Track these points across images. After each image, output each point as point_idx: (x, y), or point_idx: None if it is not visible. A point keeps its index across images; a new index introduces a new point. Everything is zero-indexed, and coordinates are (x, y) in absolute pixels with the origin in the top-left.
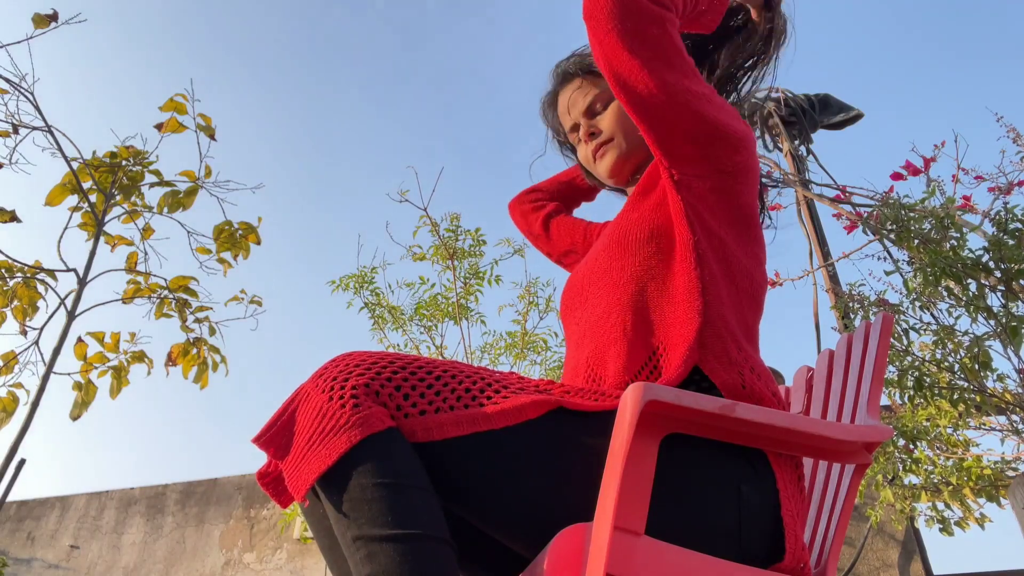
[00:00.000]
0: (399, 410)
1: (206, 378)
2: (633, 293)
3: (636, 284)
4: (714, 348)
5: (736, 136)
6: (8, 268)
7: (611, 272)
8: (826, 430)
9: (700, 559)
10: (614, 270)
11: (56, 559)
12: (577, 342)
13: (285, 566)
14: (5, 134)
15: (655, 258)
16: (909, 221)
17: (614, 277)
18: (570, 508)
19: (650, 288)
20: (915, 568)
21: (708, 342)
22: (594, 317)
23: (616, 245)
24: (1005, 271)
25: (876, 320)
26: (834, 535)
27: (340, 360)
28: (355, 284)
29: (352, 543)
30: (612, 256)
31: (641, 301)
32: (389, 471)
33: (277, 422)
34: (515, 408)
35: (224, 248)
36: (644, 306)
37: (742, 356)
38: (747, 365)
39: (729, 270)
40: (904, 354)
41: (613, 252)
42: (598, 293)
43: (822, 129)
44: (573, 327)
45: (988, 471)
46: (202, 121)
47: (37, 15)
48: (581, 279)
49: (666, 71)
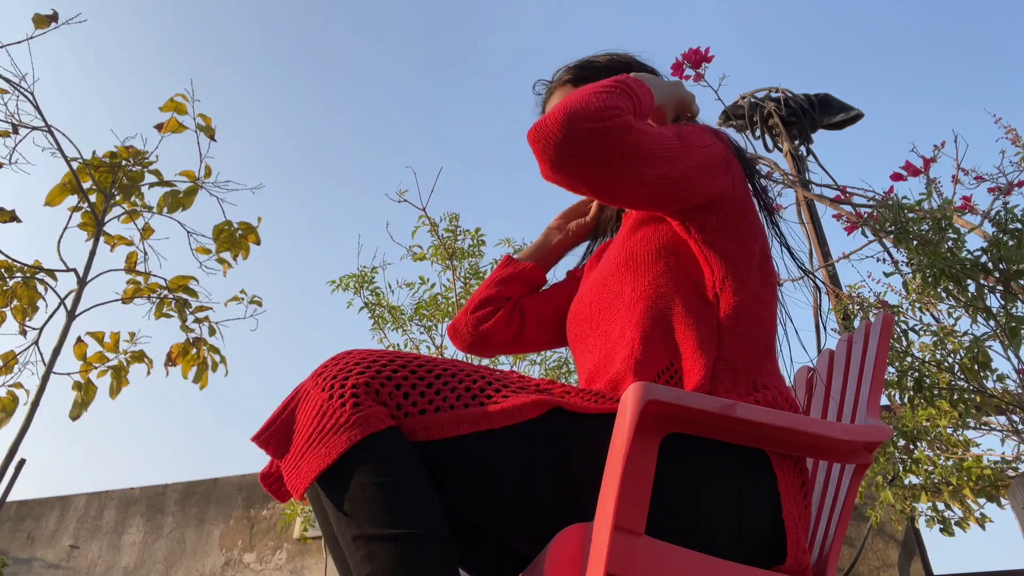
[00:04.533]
0: (399, 409)
1: (206, 378)
2: (648, 315)
3: (649, 304)
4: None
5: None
6: (8, 268)
7: (623, 295)
8: (826, 430)
9: (700, 559)
10: (625, 293)
11: (56, 559)
12: (592, 371)
13: (285, 566)
14: (5, 134)
15: (665, 276)
16: (908, 223)
17: (626, 299)
18: (570, 508)
19: (665, 308)
20: (915, 568)
21: (724, 359)
22: (610, 343)
23: (624, 268)
24: (1004, 272)
25: (876, 320)
26: (834, 535)
27: (340, 358)
28: (355, 284)
29: (352, 542)
30: (622, 280)
31: (656, 323)
32: (389, 470)
33: (277, 420)
34: (515, 407)
35: (224, 248)
36: (660, 328)
37: (756, 373)
38: (761, 382)
39: (742, 282)
40: (904, 355)
41: (623, 275)
42: (611, 319)
43: (822, 129)
44: (587, 355)
45: (988, 471)
46: (202, 121)
47: (37, 15)
48: (588, 305)
49: (642, 169)
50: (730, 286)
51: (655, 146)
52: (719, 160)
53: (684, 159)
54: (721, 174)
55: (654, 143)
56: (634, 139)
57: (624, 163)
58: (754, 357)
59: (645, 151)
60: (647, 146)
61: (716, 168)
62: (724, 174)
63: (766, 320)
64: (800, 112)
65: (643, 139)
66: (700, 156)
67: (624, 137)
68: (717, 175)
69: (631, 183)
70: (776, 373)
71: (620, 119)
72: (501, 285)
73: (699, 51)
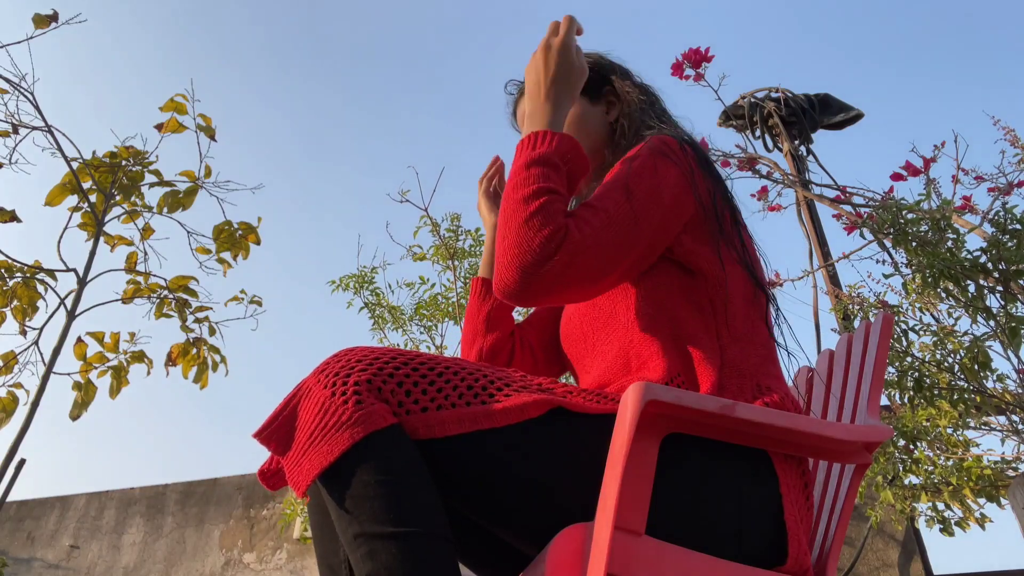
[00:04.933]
0: (401, 407)
1: (206, 378)
2: (649, 331)
3: (648, 322)
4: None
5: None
6: (8, 268)
7: (617, 315)
8: (826, 430)
9: (700, 559)
10: (620, 313)
11: (56, 559)
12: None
13: (285, 566)
14: (5, 134)
15: (658, 291)
16: (906, 224)
17: (622, 319)
18: (571, 507)
19: (665, 322)
20: (915, 568)
21: (730, 365)
22: (611, 362)
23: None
24: (1004, 272)
25: (876, 320)
26: (834, 535)
27: (342, 355)
28: (355, 284)
29: (353, 540)
30: (614, 298)
31: (659, 339)
32: (391, 468)
33: (278, 417)
34: (517, 406)
35: (224, 248)
36: (664, 342)
37: (760, 375)
38: (765, 384)
39: (732, 285)
40: (904, 355)
41: (613, 294)
42: (608, 339)
43: (822, 129)
44: (585, 375)
45: (988, 471)
46: (202, 121)
47: (37, 15)
48: (580, 325)
49: (606, 268)
50: (721, 292)
51: (610, 244)
52: (678, 194)
53: (642, 228)
54: (684, 201)
55: (608, 240)
56: (586, 256)
57: (589, 277)
58: (758, 360)
59: (603, 256)
60: (602, 250)
61: (676, 205)
62: (687, 197)
63: (761, 321)
64: (800, 112)
65: (595, 248)
66: (656, 212)
67: (577, 259)
68: (681, 208)
69: (604, 281)
70: (779, 375)
71: (566, 244)
72: (492, 325)
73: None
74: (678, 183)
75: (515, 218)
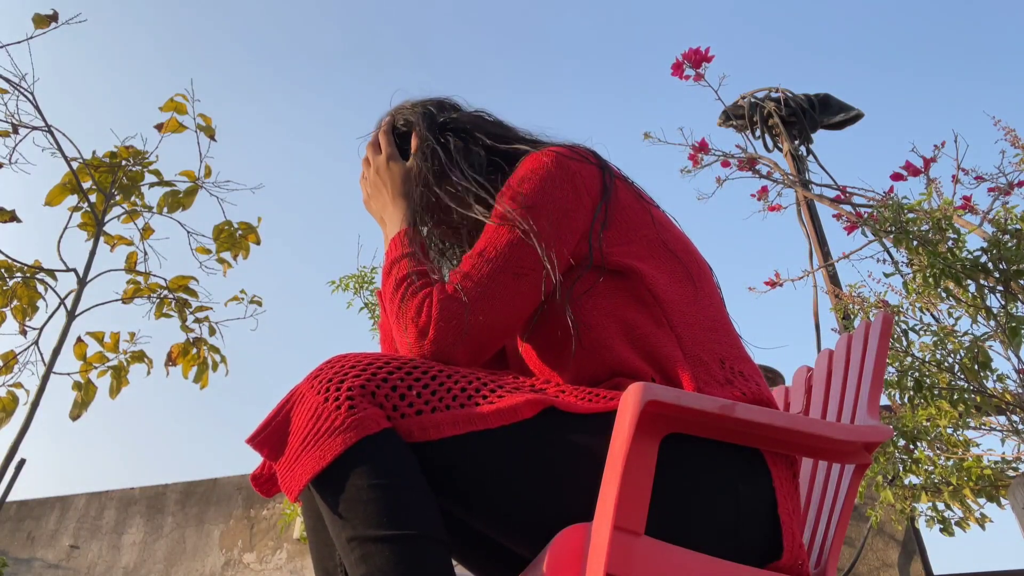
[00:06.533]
0: (395, 410)
1: (206, 378)
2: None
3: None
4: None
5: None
6: (8, 268)
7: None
8: (826, 430)
9: (700, 559)
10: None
11: (56, 559)
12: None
13: (285, 566)
14: (5, 134)
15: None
16: (907, 223)
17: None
18: (567, 508)
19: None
20: (915, 568)
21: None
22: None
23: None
24: (1004, 272)
25: (876, 320)
26: (834, 535)
27: (335, 361)
28: (355, 284)
29: (347, 544)
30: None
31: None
32: (384, 472)
33: (272, 423)
34: (510, 407)
35: (224, 248)
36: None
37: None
38: (738, 368)
39: (660, 270)
40: (904, 355)
41: (556, 318)
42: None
43: (822, 129)
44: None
45: (988, 471)
46: (202, 121)
47: (37, 15)
48: (527, 351)
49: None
50: (653, 280)
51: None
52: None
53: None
54: (575, 210)
55: (489, 281)
56: (478, 315)
57: (488, 326)
58: (704, 335)
59: (492, 300)
60: (492, 295)
61: (568, 217)
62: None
63: (702, 298)
64: (800, 112)
65: (480, 300)
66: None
67: (468, 317)
68: (574, 217)
69: (515, 319)
70: (738, 346)
71: (432, 305)
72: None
73: (699, 51)
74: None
75: (393, 308)
